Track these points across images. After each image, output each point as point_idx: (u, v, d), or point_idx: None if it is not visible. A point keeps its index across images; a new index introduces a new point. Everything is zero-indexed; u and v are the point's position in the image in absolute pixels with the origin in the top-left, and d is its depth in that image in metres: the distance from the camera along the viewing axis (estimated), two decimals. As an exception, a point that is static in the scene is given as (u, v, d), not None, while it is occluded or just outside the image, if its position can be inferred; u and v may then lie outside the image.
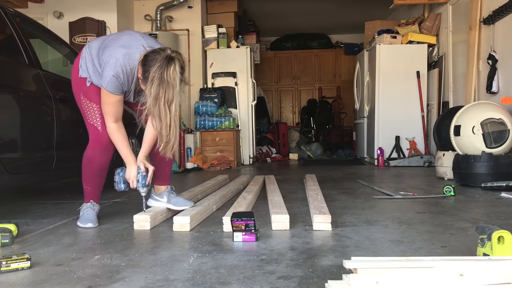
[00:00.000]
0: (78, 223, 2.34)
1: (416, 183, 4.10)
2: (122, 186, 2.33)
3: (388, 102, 6.08)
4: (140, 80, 2.19)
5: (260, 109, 8.69)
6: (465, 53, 5.08)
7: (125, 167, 2.31)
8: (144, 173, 2.27)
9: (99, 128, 2.33)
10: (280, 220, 2.15)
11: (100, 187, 2.48)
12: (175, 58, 2.10)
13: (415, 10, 6.80)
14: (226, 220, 2.12)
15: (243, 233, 1.93)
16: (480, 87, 4.76)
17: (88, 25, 5.91)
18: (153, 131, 2.26)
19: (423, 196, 3.18)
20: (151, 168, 2.31)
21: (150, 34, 6.06)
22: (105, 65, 2.19)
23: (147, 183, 2.28)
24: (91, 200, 2.43)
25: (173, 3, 6.50)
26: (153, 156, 2.43)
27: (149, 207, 2.43)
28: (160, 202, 2.46)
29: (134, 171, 2.27)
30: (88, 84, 2.32)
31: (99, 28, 5.90)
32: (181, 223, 2.17)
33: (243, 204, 2.53)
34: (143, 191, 2.29)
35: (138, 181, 2.27)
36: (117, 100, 2.23)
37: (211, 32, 6.67)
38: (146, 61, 2.11)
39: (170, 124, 2.09)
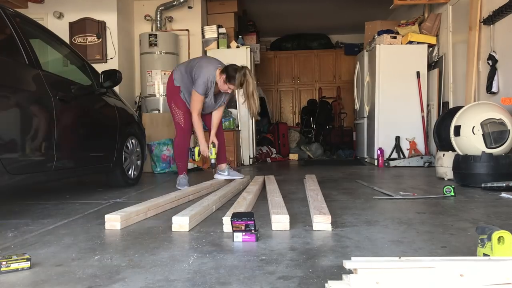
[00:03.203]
0: (178, 187, 3.73)
1: (416, 183, 4.10)
2: (193, 157, 3.87)
3: (388, 102, 6.08)
4: (223, 81, 3.60)
5: (260, 110, 8.67)
6: (465, 53, 5.08)
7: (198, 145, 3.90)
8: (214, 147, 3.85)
9: (182, 124, 3.82)
10: (280, 221, 2.15)
11: (187, 162, 3.99)
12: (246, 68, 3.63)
13: (415, 10, 6.80)
14: (226, 221, 2.12)
15: (243, 233, 1.93)
16: (480, 87, 4.76)
17: (88, 25, 5.91)
18: (218, 119, 3.95)
19: (423, 196, 3.18)
20: (216, 142, 3.90)
21: (150, 35, 6.09)
22: (197, 77, 3.61)
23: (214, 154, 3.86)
24: (184, 173, 3.89)
25: (173, 3, 6.49)
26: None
27: (218, 173, 3.98)
28: (223, 175, 3.96)
29: (205, 146, 3.84)
30: (180, 95, 3.76)
31: (99, 29, 5.90)
32: (180, 223, 2.17)
33: (243, 204, 2.53)
34: (213, 159, 3.89)
35: (210, 152, 3.84)
36: (202, 99, 3.68)
37: (211, 32, 6.66)
38: (228, 70, 3.59)
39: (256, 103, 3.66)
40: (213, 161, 3.86)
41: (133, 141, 4.18)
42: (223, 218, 2.16)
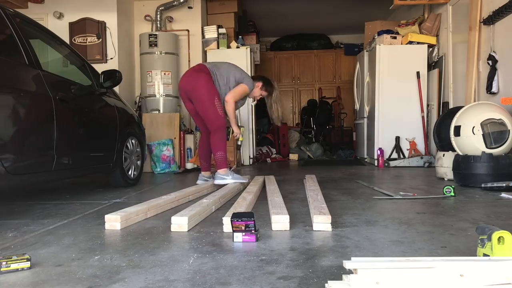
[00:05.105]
0: (242, 180, 3.68)
1: (416, 183, 4.10)
2: (228, 137, 3.82)
3: (388, 102, 6.08)
4: (259, 88, 3.94)
5: (260, 110, 8.66)
6: (465, 53, 5.08)
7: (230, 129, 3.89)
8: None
9: (223, 116, 3.68)
10: (280, 221, 2.15)
11: None
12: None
13: (415, 10, 6.80)
14: (226, 221, 2.12)
15: (243, 233, 1.93)
16: (480, 87, 4.76)
17: (88, 25, 5.92)
18: (231, 114, 3.83)
19: (423, 196, 3.18)
20: (242, 129, 4.03)
21: (150, 35, 6.09)
22: (245, 77, 3.80)
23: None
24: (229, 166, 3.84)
25: (173, 4, 6.49)
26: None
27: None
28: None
29: (237, 129, 3.91)
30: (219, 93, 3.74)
31: (99, 29, 5.91)
32: (179, 223, 2.17)
33: (243, 204, 2.53)
34: (240, 142, 4.12)
35: (241, 134, 3.98)
36: (247, 92, 3.83)
37: (211, 32, 6.66)
38: (264, 79, 3.99)
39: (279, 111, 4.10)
40: (239, 142, 4.16)
41: (133, 141, 4.18)
42: (223, 218, 2.16)
